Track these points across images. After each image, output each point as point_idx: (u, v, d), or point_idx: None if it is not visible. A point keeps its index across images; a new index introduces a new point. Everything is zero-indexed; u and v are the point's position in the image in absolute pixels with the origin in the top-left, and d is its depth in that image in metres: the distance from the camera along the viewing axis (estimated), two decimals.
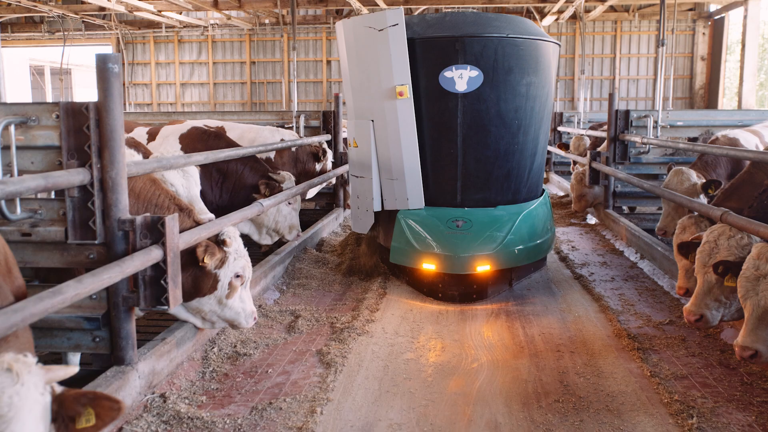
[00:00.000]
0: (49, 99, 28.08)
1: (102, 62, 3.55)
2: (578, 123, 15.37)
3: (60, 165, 3.60)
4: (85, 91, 30.12)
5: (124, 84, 23.75)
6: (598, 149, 10.33)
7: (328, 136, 9.91)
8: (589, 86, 22.77)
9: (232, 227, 4.64)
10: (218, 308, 4.48)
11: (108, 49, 24.05)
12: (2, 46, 23.97)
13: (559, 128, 15.60)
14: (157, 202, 4.35)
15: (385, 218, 6.45)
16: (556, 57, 6.54)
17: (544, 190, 6.97)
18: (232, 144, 6.79)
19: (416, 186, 6.06)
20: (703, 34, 22.76)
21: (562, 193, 13.33)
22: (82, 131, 3.55)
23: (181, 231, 4.20)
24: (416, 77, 5.92)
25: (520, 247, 6.00)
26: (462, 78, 5.78)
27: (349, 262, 7.06)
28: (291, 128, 10.21)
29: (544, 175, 15.71)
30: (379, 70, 5.83)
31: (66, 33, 19.67)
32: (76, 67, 30.36)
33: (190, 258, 4.27)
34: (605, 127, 10.21)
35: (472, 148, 6.02)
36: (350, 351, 4.82)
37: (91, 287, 2.92)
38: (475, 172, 6.09)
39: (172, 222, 3.68)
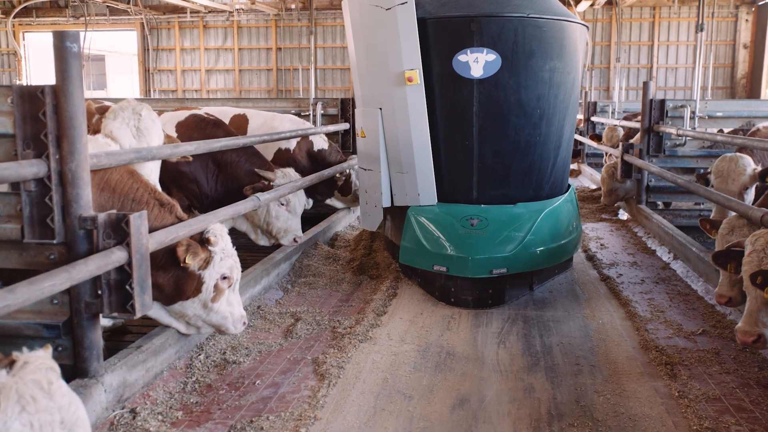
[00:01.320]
0: (86, 86, 28.06)
1: (59, 40, 3.16)
2: (613, 113, 14.81)
3: (16, 155, 3.23)
4: (119, 76, 30.14)
5: (148, 70, 23.63)
6: (632, 141, 9.78)
7: (346, 125, 9.50)
8: (625, 75, 21.92)
9: (219, 224, 4.24)
10: (203, 312, 4.11)
11: (132, 35, 23.93)
12: (27, 32, 24.01)
13: (593, 118, 15.02)
14: (135, 197, 3.96)
15: (397, 214, 6.01)
16: (583, 40, 6.01)
17: (570, 186, 6.45)
18: (230, 133, 6.40)
19: (428, 180, 5.60)
20: (746, 20, 21.76)
21: (594, 186, 12.75)
22: (38, 118, 3.17)
23: (160, 228, 3.84)
24: (427, 61, 5.45)
25: (542, 248, 5.51)
26: (478, 62, 5.29)
27: (359, 260, 6.65)
28: (308, 116, 9.81)
29: (576, 167, 15.16)
30: (387, 54, 5.37)
31: (89, 18, 19.49)
32: (109, 53, 30.43)
33: (171, 258, 3.90)
34: (640, 117, 9.63)
35: (490, 140, 5.53)
36: (349, 360, 4.41)
37: (25, 298, 2.53)
38: (493, 166, 5.61)
39: (138, 220, 3.29)
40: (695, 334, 4.89)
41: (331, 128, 8.64)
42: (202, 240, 4.05)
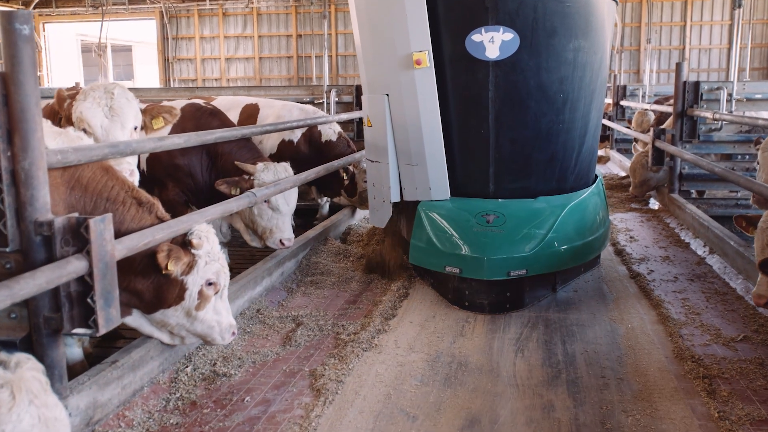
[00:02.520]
0: (110, 77, 27.98)
1: (7, 21, 2.78)
2: (643, 97, 14.35)
3: None
4: (146, 67, 30.00)
5: (167, 59, 23.39)
6: (663, 126, 9.24)
7: (361, 113, 9.06)
8: (656, 57, 21.22)
9: (206, 225, 3.85)
10: (187, 321, 3.74)
11: (151, 24, 23.69)
12: (47, 22, 23.89)
13: (622, 102, 14.45)
14: (110, 196, 3.58)
15: (410, 208, 5.57)
16: (611, 16, 5.49)
17: (597, 177, 5.95)
18: (227, 123, 6.00)
19: (440, 173, 5.15)
20: None
21: (623, 173, 12.18)
22: None
23: (138, 230, 3.47)
24: (438, 42, 4.97)
25: (566, 247, 5.03)
26: (493, 42, 4.81)
27: (369, 257, 6.24)
28: (321, 104, 9.40)
29: (603, 153, 14.57)
30: (393, 34, 4.91)
31: (108, 7, 19.26)
32: (136, 43, 30.31)
33: (150, 262, 3.52)
34: (672, 101, 9.08)
35: (508, 128, 5.06)
36: (349, 372, 4.01)
37: None
38: (511, 157, 5.14)
39: (100, 225, 2.91)
40: (735, 340, 4.41)
41: (344, 116, 8.20)
42: (184, 242, 3.67)
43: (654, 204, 9.25)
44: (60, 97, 4.38)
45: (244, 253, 7.15)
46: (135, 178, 4.13)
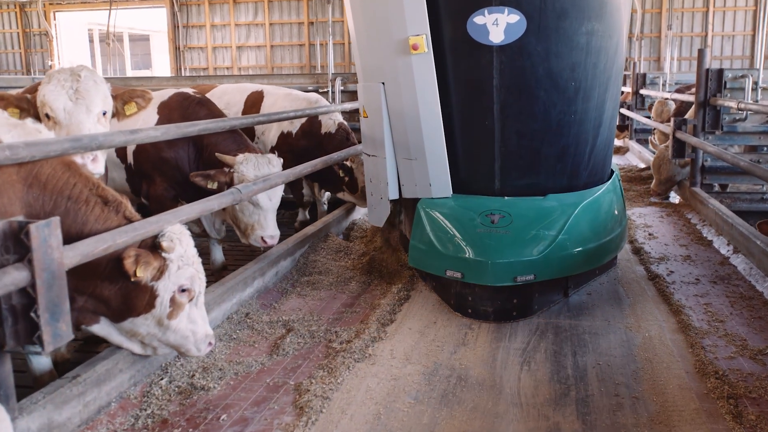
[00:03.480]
0: (128, 67, 27.79)
1: None
2: (663, 85, 13.93)
3: None
4: (164, 56, 29.81)
5: (178, 48, 23.10)
6: (685, 116, 8.78)
7: None
8: (677, 44, 20.60)
9: (179, 226, 3.53)
10: (158, 331, 3.43)
11: (162, 12, 23.38)
12: (58, 11, 23.69)
13: (642, 91, 13.96)
14: (72, 194, 3.26)
15: (411, 205, 5.21)
16: None
17: (613, 171, 5.54)
18: (215, 113, 5.65)
19: (441, 168, 4.78)
20: None
21: (642, 165, 11.71)
22: None
23: (103, 231, 3.16)
24: (437, 25, 4.59)
25: (578, 249, 4.64)
26: (498, 25, 4.41)
27: (370, 256, 5.89)
28: (326, 93, 9.04)
29: (622, 143, 14.09)
30: (389, 17, 4.52)
31: None
32: (154, 32, 30.12)
33: (117, 267, 3.21)
34: (694, 90, 8.63)
35: (514, 119, 4.67)
36: (338, 387, 3.67)
37: None
38: (518, 151, 4.75)
39: (44, 230, 2.58)
40: (763, 353, 4.02)
41: (347, 106, 7.82)
42: (155, 245, 3.35)
43: (674, 198, 8.82)
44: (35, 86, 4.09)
45: (244, 248, 6.85)
46: (99, 165, 3.78)
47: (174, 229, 3.47)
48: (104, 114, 3.97)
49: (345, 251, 6.36)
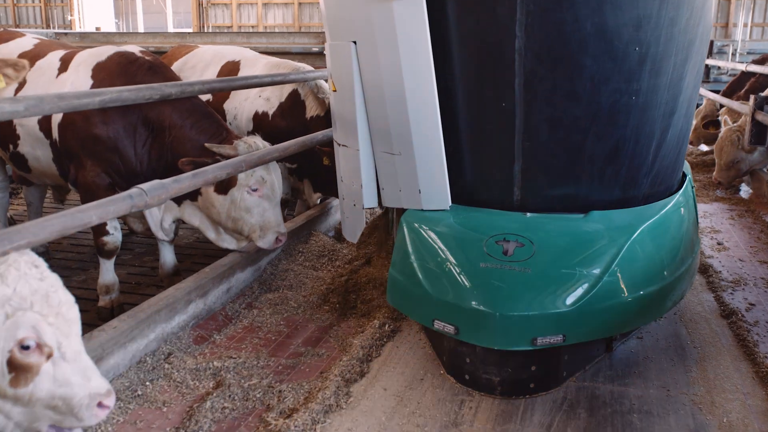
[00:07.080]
0: (170, 23, 26.75)
1: None
2: (733, 54, 12.92)
3: None
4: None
5: (201, 4, 21.86)
6: (764, 93, 7.32)
7: None
8: (750, 7, 18.65)
9: (14, 253, 2.25)
10: (4, 405, 2.20)
11: None
12: None
13: (708, 61, 12.30)
14: None
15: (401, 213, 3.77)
16: None
17: (685, 176, 4.00)
18: (171, 81, 4.35)
19: (435, 168, 3.29)
20: None
21: (705, 148, 10.09)
22: None
23: None
24: None
25: (633, 296, 3.12)
26: None
27: (353, 268, 4.54)
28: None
29: None
30: None
31: None
32: None
33: None
34: None
35: (545, 100, 3.15)
36: None
37: None
38: (549, 146, 3.24)
39: None
40: None
41: (319, 74, 6.20)
42: None
43: (745, 192, 7.48)
44: None
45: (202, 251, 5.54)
46: None
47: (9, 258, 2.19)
48: None
49: (330, 256, 5.07)
